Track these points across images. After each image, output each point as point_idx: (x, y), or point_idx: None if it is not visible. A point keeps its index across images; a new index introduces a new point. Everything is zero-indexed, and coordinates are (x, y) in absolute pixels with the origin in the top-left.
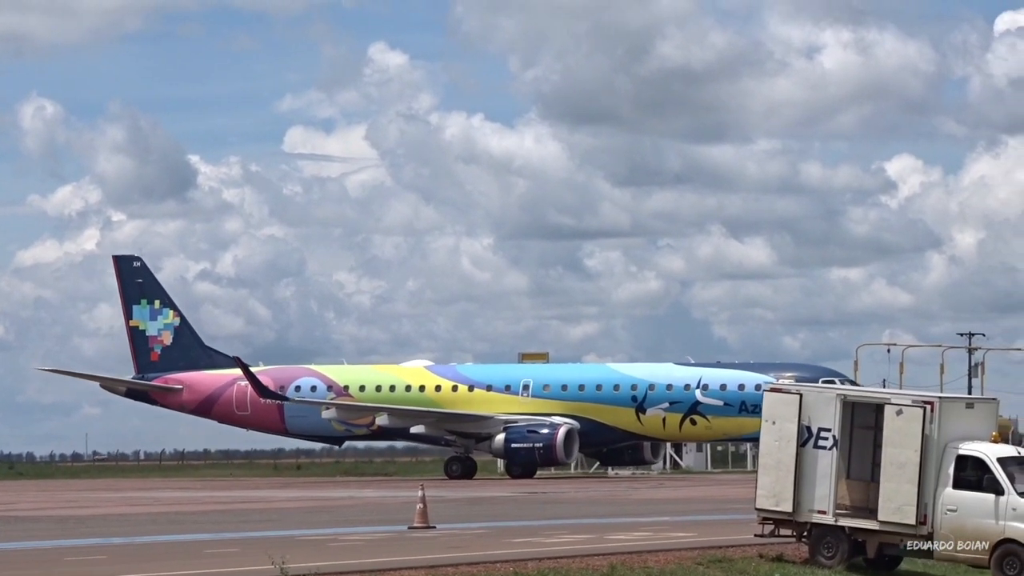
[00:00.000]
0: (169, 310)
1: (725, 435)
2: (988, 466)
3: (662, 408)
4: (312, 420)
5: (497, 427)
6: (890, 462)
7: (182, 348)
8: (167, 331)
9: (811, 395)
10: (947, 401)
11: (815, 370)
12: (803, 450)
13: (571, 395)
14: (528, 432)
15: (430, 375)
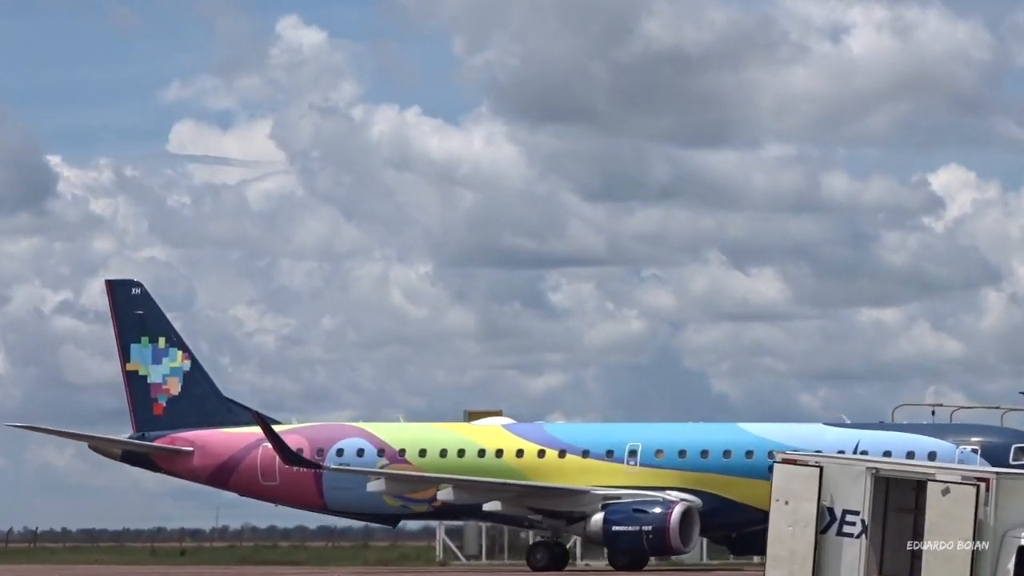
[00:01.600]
0: (177, 351)
1: None
2: None
3: None
4: (359, 493)
5: (595, 504)
6: (934, 556)
7: (194, 399)
8: (174, 377)
9: (834, 468)
10: (1007, 478)
11: (1010, 434)
12: (823, 538)
13: (691, 464)
14: (635, 511)
15: (510, 436)
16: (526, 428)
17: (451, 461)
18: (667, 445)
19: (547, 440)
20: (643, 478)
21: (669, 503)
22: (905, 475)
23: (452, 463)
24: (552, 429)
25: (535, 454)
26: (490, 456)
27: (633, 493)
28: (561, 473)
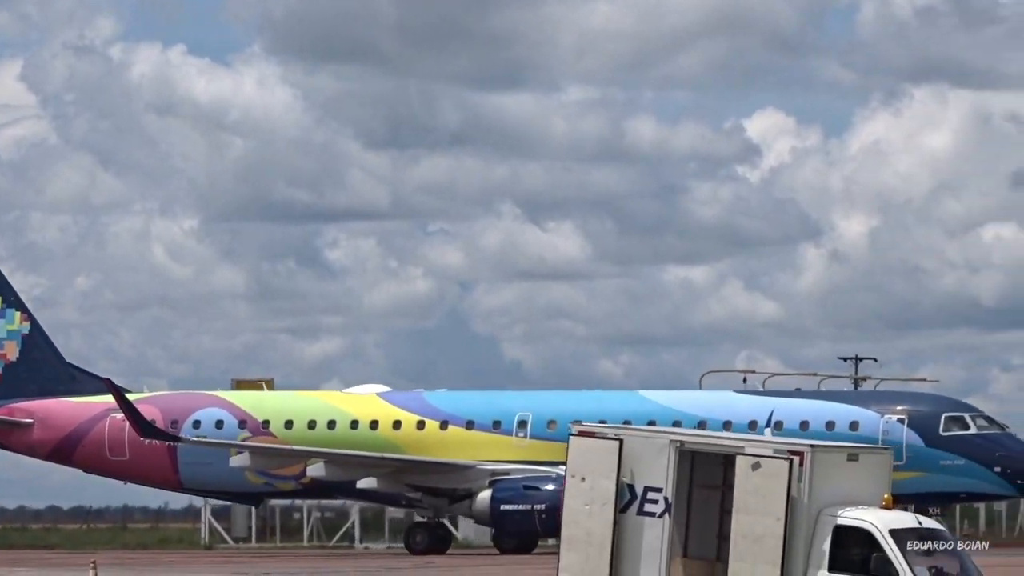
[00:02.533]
0: (15, 311)
1: None
2: (877, 541)
3: None
4: (218, 470)
5: (481, 481)
6: (742, 534)
7: (33, 365)
8: (11, 341)
9: (635, 442)
10: (822, 451)
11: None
12: (623, 517)
13: None
14: (525, 489)
15: (386, 406)
16: (404, 397)
17: (320, 433)
18: (560, 415)
19: (427, 410)
20: (534, 451)
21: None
22: (712, 448)
23: (322, 436)
24: (432, 398)
25: (414, 425)
26: (364, 428)
27: (523, 468)
28: (443, 446)
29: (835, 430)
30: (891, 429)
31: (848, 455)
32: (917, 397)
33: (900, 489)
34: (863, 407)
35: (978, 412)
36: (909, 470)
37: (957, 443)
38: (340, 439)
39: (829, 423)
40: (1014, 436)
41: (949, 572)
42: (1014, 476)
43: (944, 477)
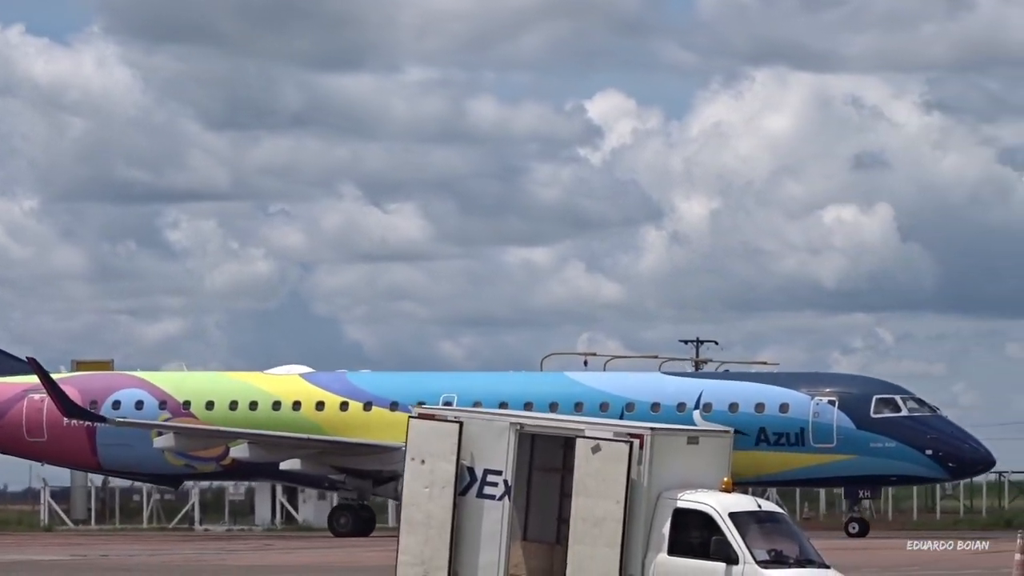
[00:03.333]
0: None
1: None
2: (716, 524)
3: None
4: (138, 451)
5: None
6: (582, 517)
7: None
8: None
9: (475, 424)
10: (662, 434)
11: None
12: (463, 500)
13: None
14: None
15: (309, 387)
16: (327, 377)
17: (242, 414)
18: (486, 396)
19: (351, 391)
20: None
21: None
22: (552, 431)
23: (243, 416)
24: (356, 379)
25: (337, 406)
26: (286, 409)
27: None
28: (367, 428)
29: (765, 412)
30: (822, 411)
31: (688, 438)
32: (848, 379)
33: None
34: (793, 389)
35: (909, 394)
36: (840, 453)
37: (888, 425)
38: (262, 420)
39: (759, 405)
40: (945, 418)
41: (788, 555)
42: (945, 459)
43: (875, 460)
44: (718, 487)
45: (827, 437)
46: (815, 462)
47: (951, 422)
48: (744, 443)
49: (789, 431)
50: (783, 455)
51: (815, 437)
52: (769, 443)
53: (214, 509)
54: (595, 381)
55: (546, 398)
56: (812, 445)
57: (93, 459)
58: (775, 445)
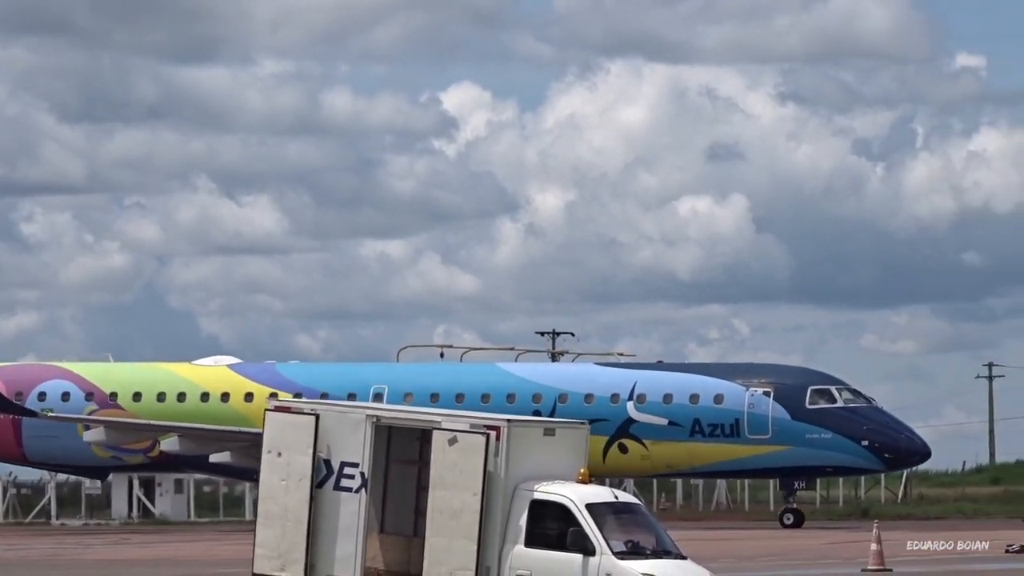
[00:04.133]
0: None
1: (670, 468)
2: (573, 515)
3: None
4: (65, 443)
5: None
6: (439, 509)
7: None
8: None
9: (332, 417)
10: (519, 426)
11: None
12: (320, 493)
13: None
14: None
15: (237, 378)
16: (255, 369)
17: (170, 406)
18: (417, 388)
19: (280, 382)
20: None
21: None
22: (408, 424)
23: (171, 408)
24: (285, 370)
25: (266, 398)
26: (215, 400)
27: None
28: None
29: (699, 403)
30: (757, 402)
31: (545, 430)
32: (783, 370)
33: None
34: (728, 380)
35: (844, 385)
36: (775, 444)
37: (823, 416)
38: (190, 412)
39: (693, 396)
40: (880, 409)
41: (644, 546)
42: (881, 450)
43: (810, 451)
44: (575, 479)
45: (762, 428)
46: (750, 453)
47: (886, 413)
48: (678, 434)
49: (724, 422)
50: (718, 446)
51: (750, 428)
52: (704, 434)
53: (70, 503)
54: (527, 372)
55: (477, 389)
56: (747, 436)
57: (18, 451)
58: (710, 436)
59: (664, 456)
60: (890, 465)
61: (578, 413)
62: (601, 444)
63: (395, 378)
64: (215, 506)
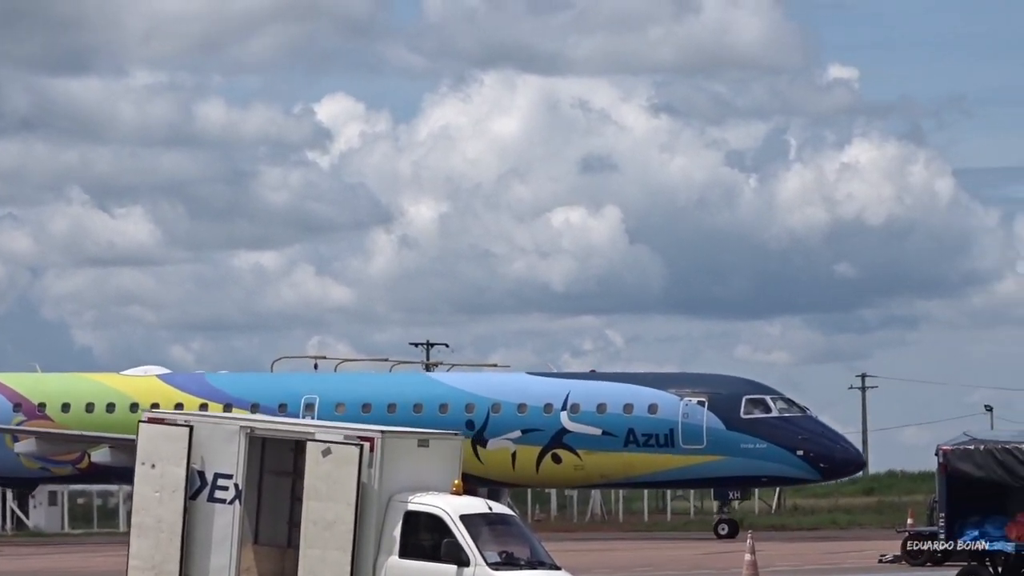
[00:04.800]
0: None
1: (604, 478)
2: (447, 526)
3: (511, 439)
4: None
5: None
6: (313, 521)
7: None
8: None
9: (206, 428)
10: (392, 437)
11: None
12: (193, 504)
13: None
14: None
15: (167, 388)
16: (185, 379)
17: (99, 417)
18: (348, 398)
19: (210, 392)
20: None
21: None
22: (282, 435)
23: (100, 419)
24: (215, 380)
25: (196, 408)
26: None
27: None
28: None
29: (634, 413)
30: (691, 412)
31: (419, 441)
32: (718, 380)
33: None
34: (662, 390)
35: (779, 394)
36: (710, 454)
37: (758, 426)
38: (120, 422)
39: (627, 406)
40: (815, 419)
41: (519, 557)
42: (816, 459)
43: (745, 461)
44: (449, 490)
45: (697, 438)
46: (685, 463)
47: (821, 422)
48: (613, 444)
49: (658, 432)
50: (652, 456)
51: (684, 438)
52: (638, 444)
53: None
54: (460, 382)
55: (410, 399)
56: (682, 446)
57: None
58: (644, 446)
59: (598, 466)
60: (825, 475)
61: (511, 423)
62: (534, 454)
63: (327, 388)
64: (89, 518)
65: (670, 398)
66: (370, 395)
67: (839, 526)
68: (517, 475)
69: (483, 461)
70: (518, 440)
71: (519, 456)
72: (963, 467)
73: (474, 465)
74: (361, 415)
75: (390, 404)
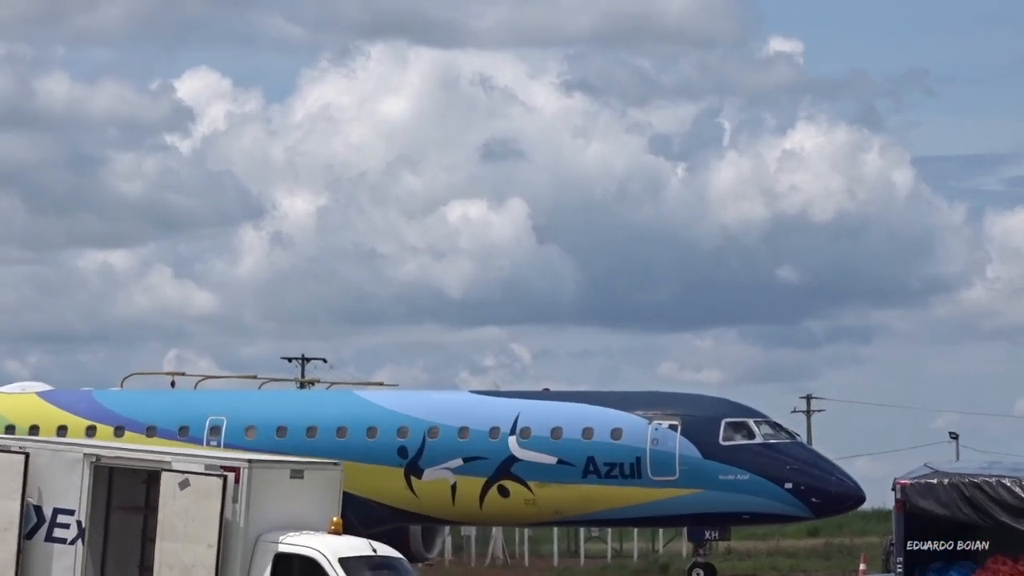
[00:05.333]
0: None
1: (558, 514)
2: (325, 572)
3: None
4: None
5: None
6: (168, 564)
7: None
8: None
9: (43, 456)
10: (261, 467)
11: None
12: (29, 544)
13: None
14: None
15: (48, 408)
16: (69, 397)
17: None
18: (261, 420)
19: (98, 412)
20: None
21: None
22: (133, 464)
23: None
24: (104, 398)
25: (83, 431)
26: (22, 434)
27: None
28: None
29: (594, 438)
30: (661, 437)
31: (292, 471)
32: (693, 400)
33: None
34: (628, 411)
35: (763, 417)
36: (684, 486)
37: (740, 454)
38: None
39: (587, 430)
40: (806, 446)
41: None
42: (807, 493)
43: (725, 495)
44: (327, 529)
45: (668, 468)
46: (654, 497)
47: (813, 450)
48: (570, 475)
49: (623, 461)
50: (616, 489)
51: (653, 468)
52: (599, 475)
53: None
54: (392, 402)
55: (332, 422)
56: (650, 477)
57: None
58: (606, 477)
59: (552, 500)
60: (818, 512)
61: (452, 449)
62: (478, 487)
63: (236, 408)
64: None
65: (637, 421)
66: (287, 417)
67: (780, 573)
68: (457, 511)
69: (418, 494)
70: (459, 470)
71: (460, 488)
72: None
73: (407, 499)
74: (275, 439)
75: (309, 427)
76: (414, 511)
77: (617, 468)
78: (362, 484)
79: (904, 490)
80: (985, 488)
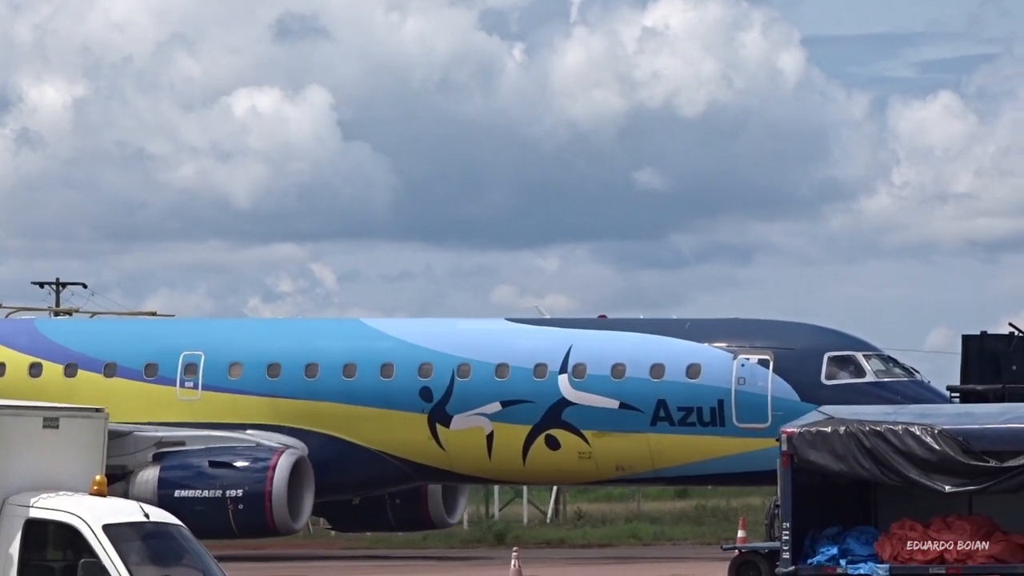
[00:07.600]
0: None
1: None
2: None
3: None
4: None
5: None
6: None
7: None
8: None
9: None
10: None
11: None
12: None
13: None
14: (211, 466)
15: None
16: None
17: None
18: (248, 355)
19: (43, 347)
20: (209, 410)
21: (268, 452)
22: None
23: None
24: (49, 328)
25: (25, 370)
26: None
27: (200, 435)
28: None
29: (665, 378)
30: (749, 376)
31: (45, 420)
32: (786, 329)
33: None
34: (707, 343)
35: (874, 350)
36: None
37: (846, 396)
38: None
39: (656, 367)
40: (926, 384)
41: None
42: None
43: None
44: (89, 489)
45: (758, 414)
46: (739, 450)
47: (935, 390)
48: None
49: (702, 405)
50: (693, 440)
51: (740, 414)
52: (672, 422)
53: None
54: (410, 333)
55: (337, 358)
56: (736, 425)
57: None
58: (681, 425)
59: (614, 454)
60: None
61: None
62: (520, 437)
63: (215, 341)
64: None
65: (719, 356)
66: (280, 351)
67: (641, 542)
68: (495, 467)
69: (445, 447)
70: (496, 416)
71: (498, 440)
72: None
73: (432, 453)
74: (266, 379)
75: (309, 364)
76: (440, 467)
77: (694, 414)
78: (375, 434)
79: (791, 440)
80: (889, 437)
